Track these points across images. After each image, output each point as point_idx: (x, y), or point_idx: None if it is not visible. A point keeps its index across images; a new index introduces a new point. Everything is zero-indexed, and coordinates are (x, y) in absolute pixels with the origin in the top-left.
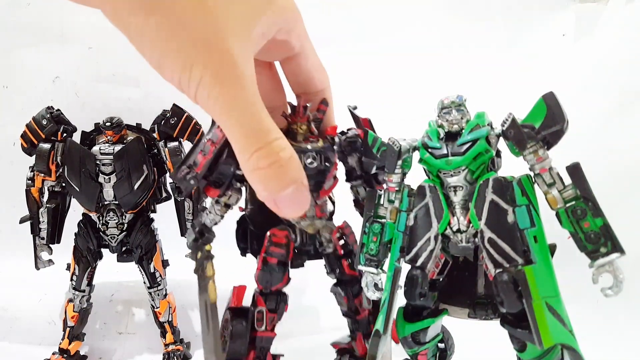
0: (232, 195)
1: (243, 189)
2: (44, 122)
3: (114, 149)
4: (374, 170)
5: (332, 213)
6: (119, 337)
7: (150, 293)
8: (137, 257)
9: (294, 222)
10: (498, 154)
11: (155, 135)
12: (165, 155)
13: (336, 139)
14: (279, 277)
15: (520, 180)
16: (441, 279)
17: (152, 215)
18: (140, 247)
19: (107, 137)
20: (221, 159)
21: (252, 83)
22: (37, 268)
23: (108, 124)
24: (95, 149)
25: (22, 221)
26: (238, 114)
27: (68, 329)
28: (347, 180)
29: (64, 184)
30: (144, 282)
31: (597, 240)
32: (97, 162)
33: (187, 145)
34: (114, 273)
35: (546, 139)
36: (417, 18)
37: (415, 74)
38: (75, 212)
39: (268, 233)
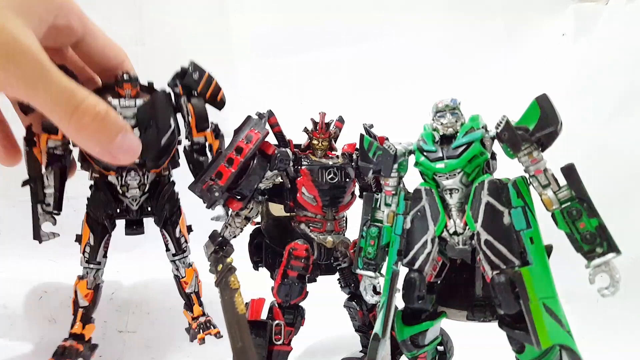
0: (254, 208)
1: None
2: None
3: (135, 102)
4: (370, 175)
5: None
6: (119, 336)
7: (174, 262)
8: (162, 221)
9: (312, 236)
10: (493, 156)
11: (178, 89)
12: (188, 111)
13: (353, 156)
14: (298, 290)
15: (515, 182)
16: (439, 282)
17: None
18: (164, 210)
19: (124, 90)
20: (247, 172)
21: (40, 52)
22: (40, 240)
23: (126, 76)
24: (114, 102)
25: (24, 184)
26: (43, 85)
27: (80, 310)
28: (361, 196)
29: (69, 144)
30: (168, 250)
31: (593, 241)
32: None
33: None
34: (114, 272)
35: (540, 141)
36: (416, 19)
37: (415, 75)
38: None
39: (288, 247)
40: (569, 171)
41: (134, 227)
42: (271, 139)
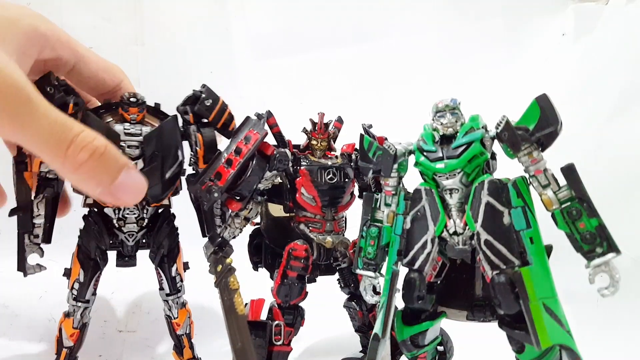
0: (253, 208)
1: None
2: (49, 89)
3: (141, 130)
4: (370, 175)
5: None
6: (118, 335)
7: (167, 301)
8: (158, 259)
9: (312, 236)
10: (493, 156)
11: (188, 117)
12: (197, 142)
13: (352, 156)
14: (298, 291)
15: (515, 182)
16: (439, 282)
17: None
18: (162, 247)
19: (129, 115)
20: (246, 173)
21: (25, 82)
22: (25, 274)
23: (133, 99)
24: (119, 127)
25: (12, 213)
26: (30, 119)
27: (65, 350)
28: (360, 196)
29: None
30: (161, 289)
31: (593, 241)
32: (122, 143)
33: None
34: (114, 272)
35: (540, 141)
36: (416, 18)
37: (414, 75)
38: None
39: (288, 247)
40: (569, 171)
41: (126, 258)
42: (270, 140)
